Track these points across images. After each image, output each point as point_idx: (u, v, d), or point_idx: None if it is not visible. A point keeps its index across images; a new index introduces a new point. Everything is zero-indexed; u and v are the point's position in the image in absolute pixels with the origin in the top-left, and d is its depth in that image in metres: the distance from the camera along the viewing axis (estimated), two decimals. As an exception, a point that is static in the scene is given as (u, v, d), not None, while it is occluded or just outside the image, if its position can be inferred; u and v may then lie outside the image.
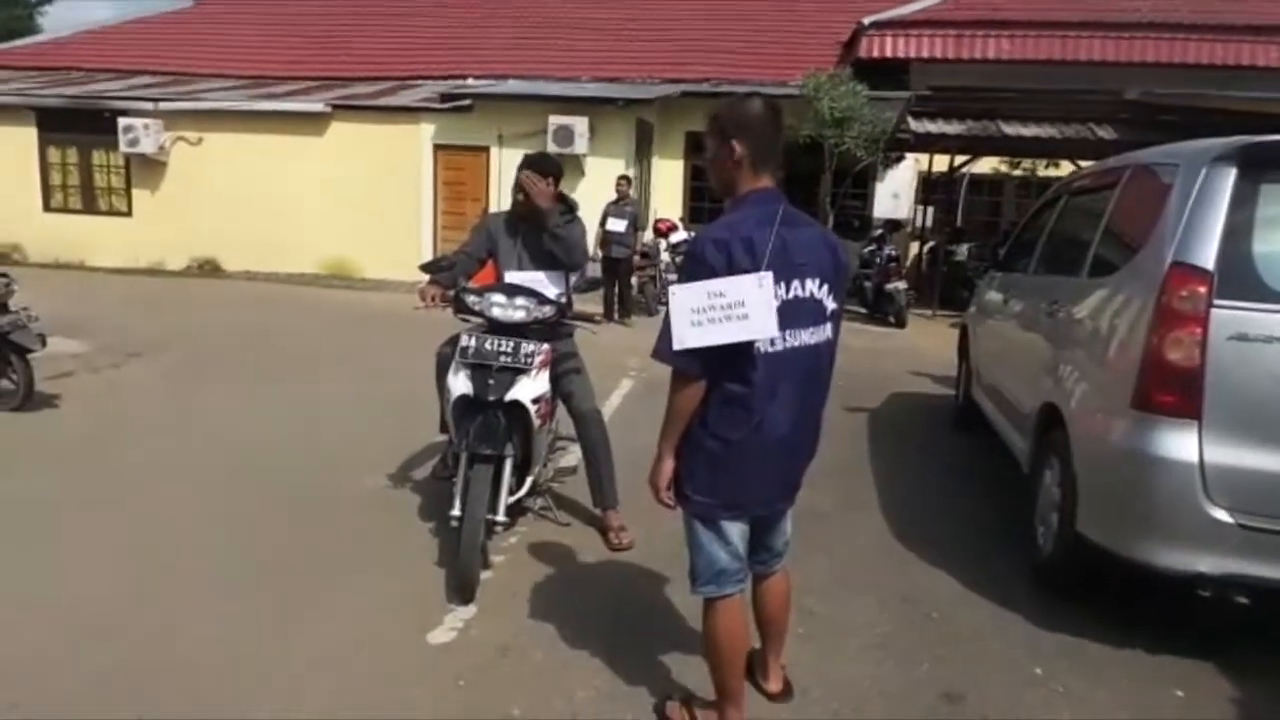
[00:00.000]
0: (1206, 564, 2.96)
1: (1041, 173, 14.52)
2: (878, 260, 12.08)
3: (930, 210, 14.61)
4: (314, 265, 14.35)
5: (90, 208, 15.51)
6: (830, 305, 2.39)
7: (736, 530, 2.47)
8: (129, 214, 15.29)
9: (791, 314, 2.29)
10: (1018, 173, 15.14)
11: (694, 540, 2.51)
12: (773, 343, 2.29)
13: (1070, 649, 3.23)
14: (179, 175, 14.84)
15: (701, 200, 15.27)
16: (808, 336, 2.35)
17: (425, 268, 3.81)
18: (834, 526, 4.37)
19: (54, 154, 15.41)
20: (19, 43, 20.32)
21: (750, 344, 2.25)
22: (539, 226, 3.89)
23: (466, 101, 13.79)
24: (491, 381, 3.48)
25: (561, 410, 4.25)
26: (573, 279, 4.03)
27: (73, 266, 14.95)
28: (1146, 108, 11.46)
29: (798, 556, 3.32)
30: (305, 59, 17.42)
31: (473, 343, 3.55)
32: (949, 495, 4.94)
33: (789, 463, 2.50)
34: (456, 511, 3.38)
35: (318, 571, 3.66)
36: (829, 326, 2.41)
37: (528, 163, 3.90)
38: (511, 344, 3.53)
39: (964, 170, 14.28)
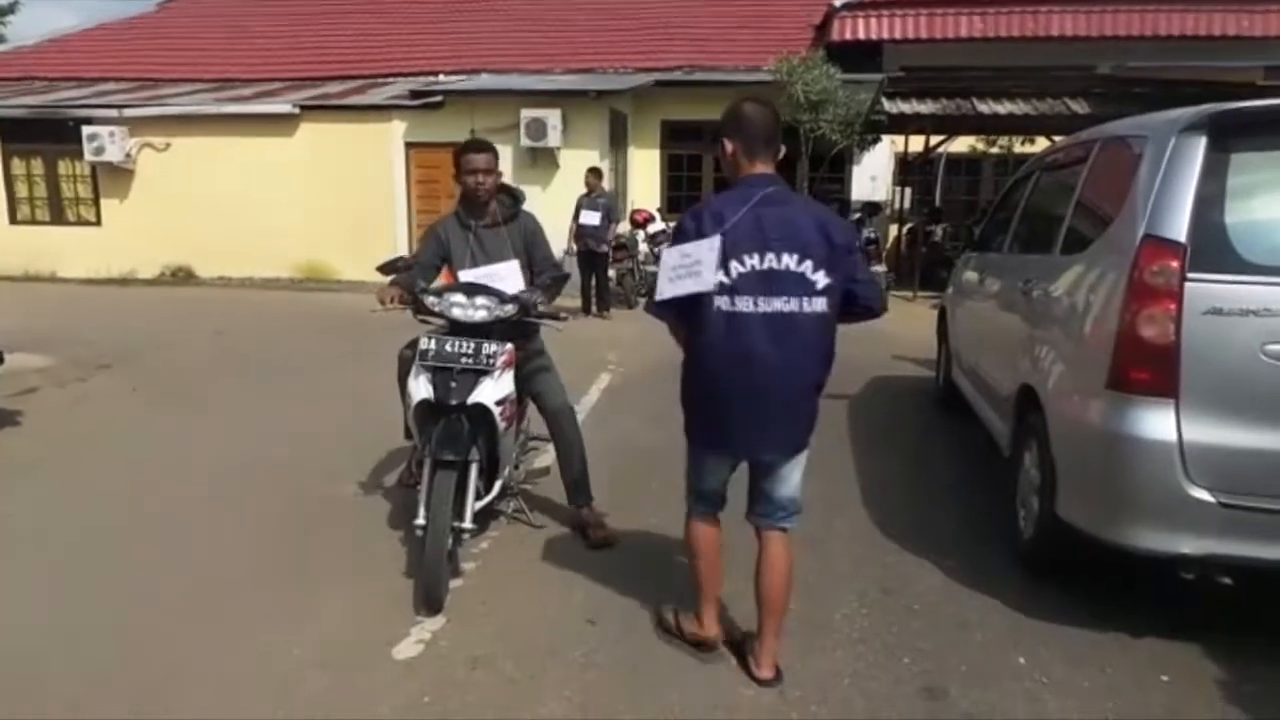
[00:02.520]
0: (1188, 545, 2.89)
1: (1018, 149, 14.48)
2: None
3: (908, 191, 14.55)
4: (289, 269, 14.18)
5: (58, 219, 15.27)
6: (819, 280, 2.62)
7: (719, 465, 2.86)
8: (98, 223, 15.06)
9: (763, 282, 2.61)
10: (994, 151, 15.11)
11: (686, 457, 2.95)
12: (734, 304, 2.62)
13: (1054, 636, 3.16)
14: (147, 182, 14.62)
15: (679, 189, 15.17)
16: (781, 304, 2.61)
17: (383, 269, 3.69)
18: (813, 517, 4.23)
19: (18, 165, 15.16)
20: (-20, 53, 19.98)
21: (710, 301, 2.62)
22: (489, 219, 3.82)
23: (437, 98, 13.63)
24: (453, 385, 3.37)
25: (533, 410, 4.16)
26: (541, 277, 3.92)
27: (43, 279, 14.73)
28: (1120, 81, 11.42)
29: None
30: (274, 60, 17.19)
31: (433, 345, 3.44)
32: (931, 482, 4.87)
33: (768, 417, 2.70)
34: (421, 520, 3.28)
35: (281, 585, 3.55)
36: (819, 300, 2.63)
37: (468, 147, 3.79)
38: (472, 345, 3.42)
39: (940, 150, 14.23)
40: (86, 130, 14.01)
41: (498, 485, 3.73)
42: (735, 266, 2.62)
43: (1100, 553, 3.14)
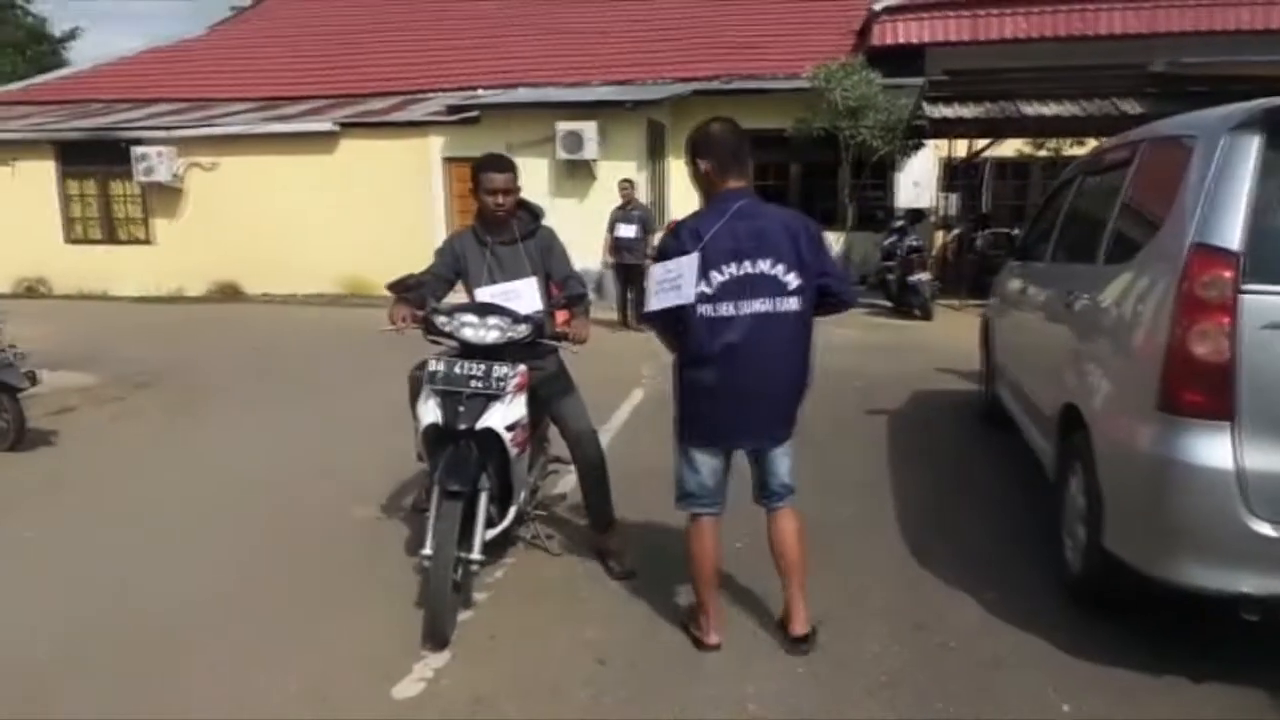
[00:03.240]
0: (1250, 584, 2.64)
1: (1067, 152, 13.98)
2: (898, 252, 11.68)
3: (954, 197, 14.18)
4: (331, 284, 14.29)
5: (111, 238, 15.63)
6: (791, 282, 2.89)
7: (704, 459, 3.05)
8: (149, 242, 15.38)
9: (740, 287, 2.87)
10: (1042, 154, 14.62)
11: (675, 461, 3.14)
12: (715, 309, 2.87)
13: (1103, 680, 2.91)
14: (195, 201, 14.89)
15: (718, 199, 14.98)
16: (760, 305, 2.88)
17: (392, 287, 3.59)
18: (846, 542, 4.08)
19: (73, 186, 15.55)
20: (40, 79, 20.61)
21: (693, 310, 2.86)
22: (507, 235, 3.70)
23: (474, 113, 13.65)
24: (461, 409, 3.25)
25: (555, 430, 4.03)
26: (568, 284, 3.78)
27: (96, 297, 15.06)
28: (1174, 79, 10.94)
29: (808, 574, 3.26)
30: (319, 78, 17.42)
31: (441, 367, 3.32)
32: (971, 505, 4.61)
33: (749, 409, 2.96)
34: (428, 550, 3.15)
35: (288, 612, 3.46)
36: (792, 299, 2.90)
37: (487, 164, 3.66)
38: (482, 368, 3.30)
39: (986, 154, 13.83)
40: (136, 151, 14.32)
41: (512, 513, 3.59)
42: (715, 276, 2.87)
43: (1153, 590, 2.89)
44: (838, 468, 5.20)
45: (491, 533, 3.46)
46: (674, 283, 2.86)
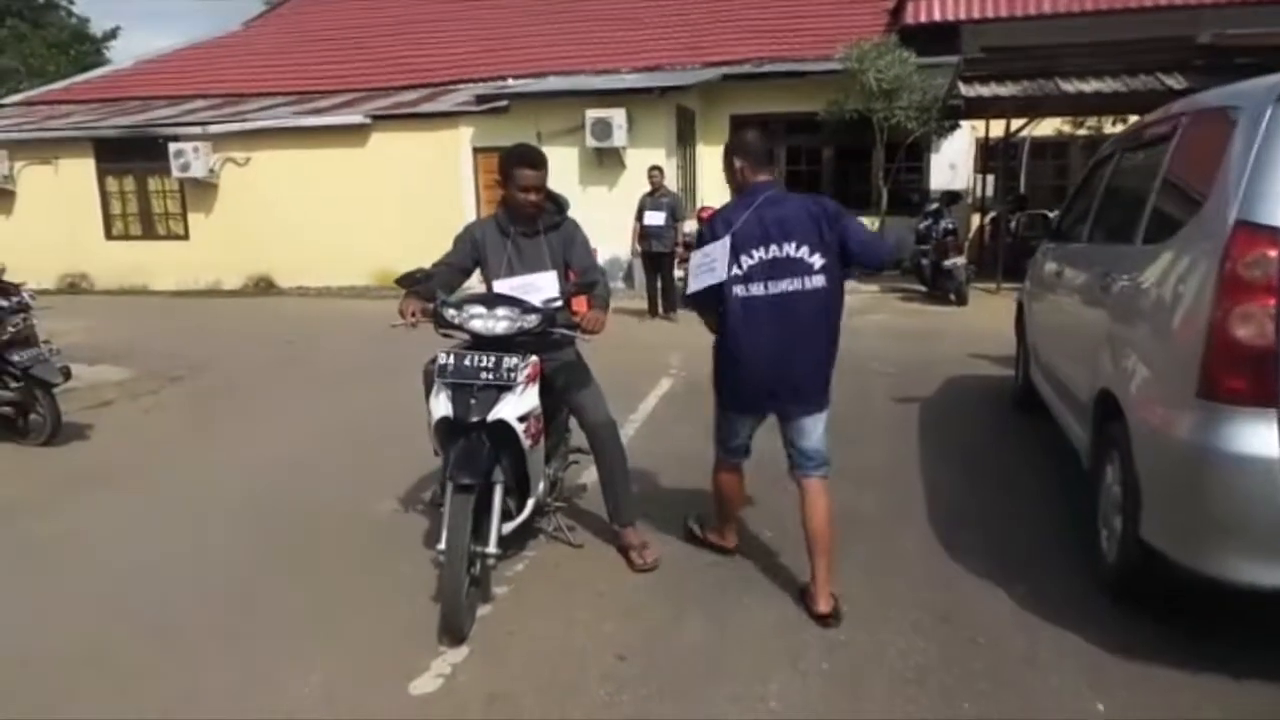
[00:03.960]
0: (1296, 578, 2.51)
1: (1108, 130, 13.60)
2: (933, 235, 11.45)
3: (990, 179, 13.87)
4: (364, 276, 14.37)
5: (149, 233, 15.86)
6: (816, 262, 3.19)
7: (741, 421, 3.46)
8: (186, 237, 15.59)
9: (771, 269, 3.19)
10: (1082, 132, 14.24)
11: (716, 417, 3.56)
12: (748, 289, 3.20)
13: (1141, 679, 2.79)
14: (230, 196, 15.06)
15: (749, 185, 14.81)
16: (787, 285, 3.18)
17: (401, 281, 3.54)
18: (873, 533, 3.98)
19: (112, 183, 15.79)
20: (80, 78, 20.97)
21: (729, 290, 3.20)
22: (532, 227, 3.64)
23: (503, 103, 13.62)
24: (473, 401, 3.20)
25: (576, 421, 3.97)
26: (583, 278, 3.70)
27: (136, 291, 15.33)
28: (1221, 51, 10.57)
29: (831, 568, 3.33)
30: (350, 71, 17.51)
31: (451, 360, 3.27)
32: (1005, 494, 4.48)
33: (779, 375, 3.24)
34: (443, 545, 3.11)
35: (307, 607, 3.45)
36: (819, 277, 3.20)
37: (519, 160, 3.59)
38: (492, 359, 3.25)
39: (1024, 134, 13.50)
40: (173, 147, 14.50)
41: (530, 505, 3.54)
42: (745, 260, 3.20)
43: (1193, 583, 2.76)
44: (866, 456, 5.08)
45: (509, 525, 3.41)
46: (709, 266, 3.20)
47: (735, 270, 3.18)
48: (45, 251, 15.26)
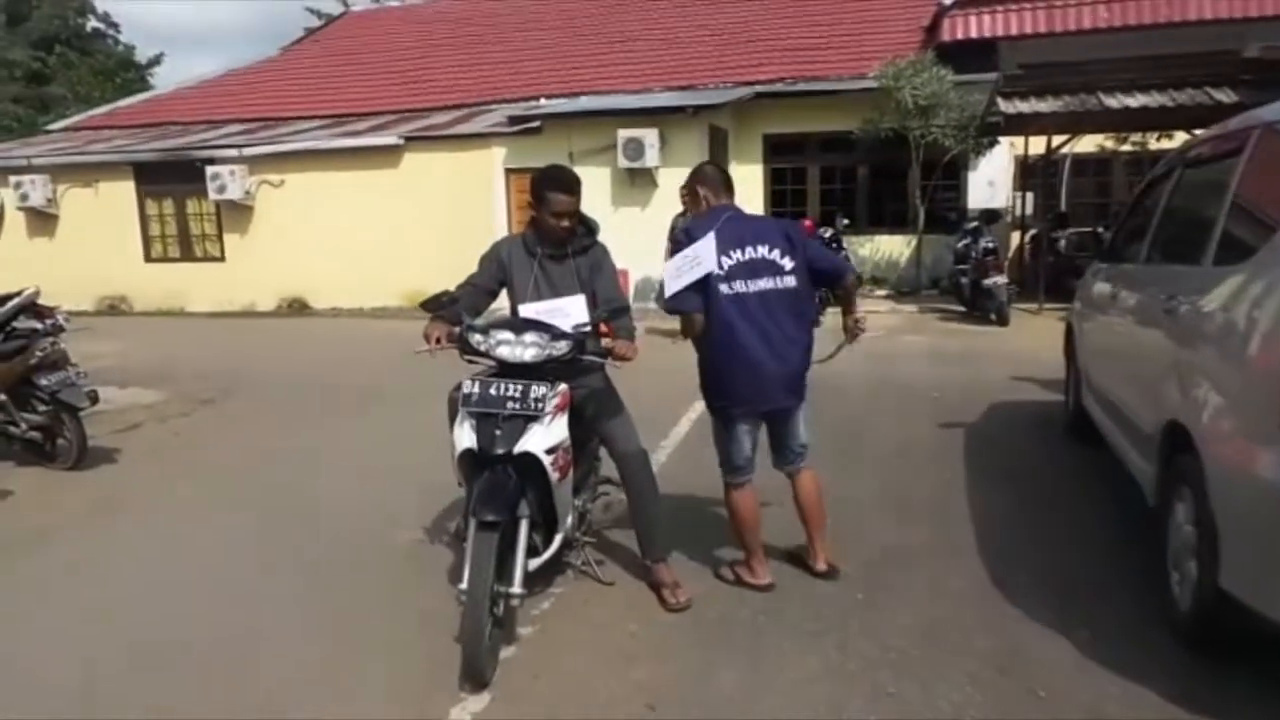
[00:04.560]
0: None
1: (1153, 146, 13.25)
2: (972, 254, 11.18)
3: (1030, 196, 13.56)
4: (396, 297, 14.35)
5: (187, 255, 16.04)
6: (786, 264, 3.46)
7: (745, 429, 3.56)
8: (222, 259, 15.74)
9: (747, 268, 3.42)
10: (1126, 148, 13.88)
11: (717, 438, 3.65)
12: (732, 287, 3.40)
13: (1220, 738, 2.56)
14: (265, 217, 15.19)
15: (783, 204, 14.65)
16: (764, 284, 3.42)
17: (426, 305, 3.41)
18: (920, 571, 3.77)
19: (152, 206, 16.01)
20: (123, 103, 21.37)
21: (716, 289, 3.38)
22: (560, 250, 3.51)
23: (536, 123, 13.60)
24: (498, 432, 3.05)
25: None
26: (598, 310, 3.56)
27: (173, 313, 15.47)
28: (1271, 65, 10.23)
29: (877, 608, 3.43)
30: (386, 93, 17.67)
31: (476, 389, 3.13)
32: (1061, 528, 4.22)
33: (771, 370, 3.44)
34: (464, 585, 2.95)
35: (323, 646, 3.31)
36: (789, 278, 3.46)
37: (553, 184, 3.45)
38: (519, 388, 3.10)
39: (1065, 151, 13.18)
40: (209, 170, 14.67)
41: (558, 540, 3.38)
42: (725, 260, 3.40)
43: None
44: (910, 487, 4.87)
45: (535, 562, 3.25)
46: (693, 263, 3.37)
47: (717, 270, 3.37)
48: (86, 273, 15.49)
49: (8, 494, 5.38)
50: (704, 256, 3.37)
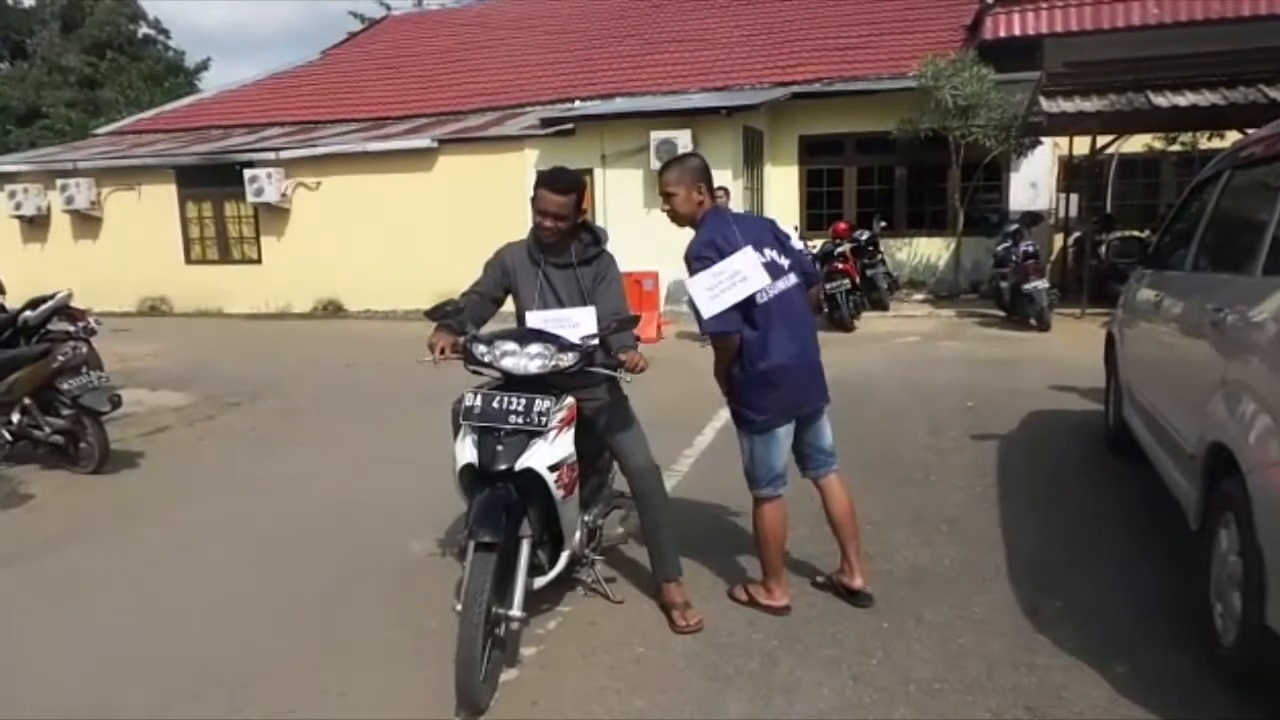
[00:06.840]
0: None
1: (1204, 145, 12.78)
2: (1013, 258, 10.86)
3: (1074, 198, 13.17)
4: (428, 300, 13.91)
5: (225, 257, 16.21)
6: (786, 263, 3.39)
7: (775, 442, 3.36)
8: (259, 261, 15.87)
9: (770, 270, 3.30)
10: (1175, 148, 13.41)
11: (754, 453, 3.39)
12: (765, 294, 3.26)
13: (1266, 791, 2.36)
14: (301, 220, 15.29)
15: (819, 206, 14.41)
16: (781, 285, 3.35)
17: (431, 314, 3.31)
18: (947, 595, 3.58)
19: (192, 208, 16.21)
20: (167, 107, 21.75)
21: (753, 298, 3.22)
22: (564, 258, 3.39)
23: (569, 125, 13.52)
24: (500, 448, 2.94)
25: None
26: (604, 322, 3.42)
27: (211, 314, 15.66)
28: (1331, 61, 9.81)
29: (898, 635, 3.27)
30: (420, 97, 17.72)
31: (478, 402, 3.02)
32: (1095, 553, 3.99)
33: (806, 372, 3.39)
34: (460, 607, 2.83)
35: (321, 664, 3.23)
36: (792, 275, 3.40)
37: (545, 181, 3.36)
38: (522, 401, 2.98)
39: (1111, 151, 12.78)
40: (247, 173, 14.82)
41: (564, 558, 3.26)
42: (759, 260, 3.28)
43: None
44: (939, 503, 4.67)
45: (540, 581, 3.15)
46: (731, 278, 3.18)
47: (764, 284, 3.26)
48: (128, 275, 15.74)
49: (29, 497, 5.41)
50: (747, 271, 3.18)
